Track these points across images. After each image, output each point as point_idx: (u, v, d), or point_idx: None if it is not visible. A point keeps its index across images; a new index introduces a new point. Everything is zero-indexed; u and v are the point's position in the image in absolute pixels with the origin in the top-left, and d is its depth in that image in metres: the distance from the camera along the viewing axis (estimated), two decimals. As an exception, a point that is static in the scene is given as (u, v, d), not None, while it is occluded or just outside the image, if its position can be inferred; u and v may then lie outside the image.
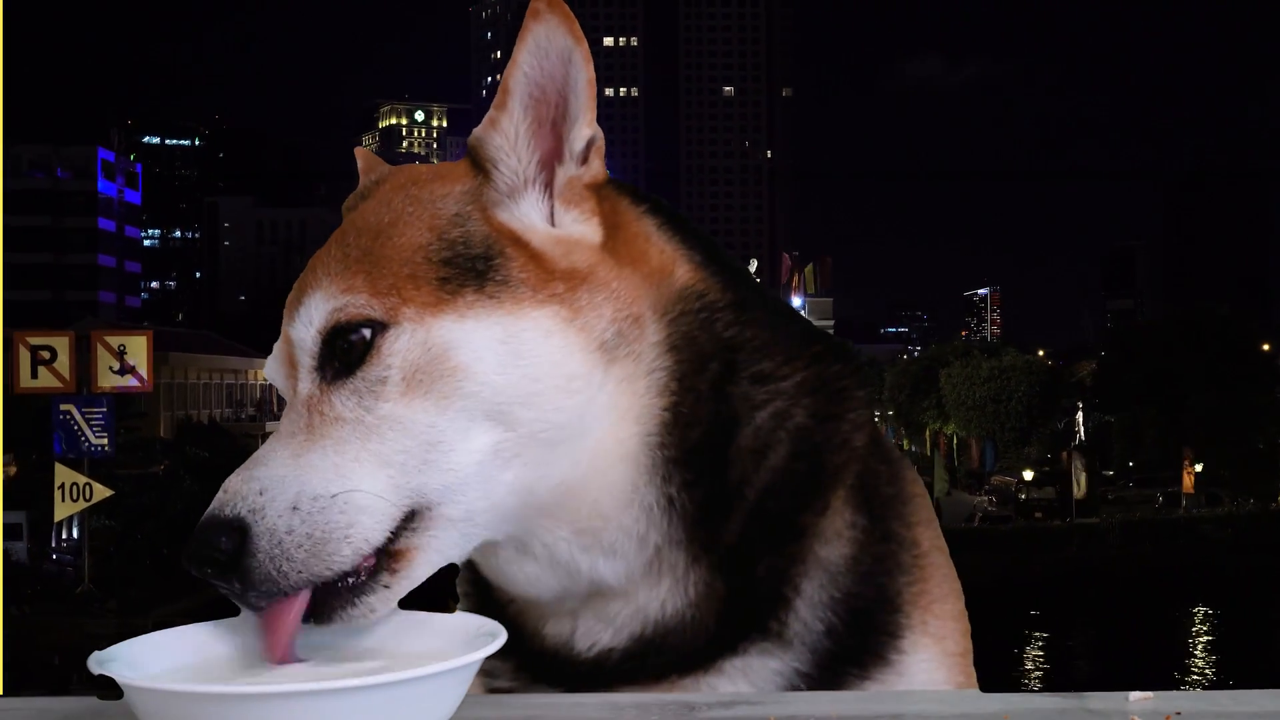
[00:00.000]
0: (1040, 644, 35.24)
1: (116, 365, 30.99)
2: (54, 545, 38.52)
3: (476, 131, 1.36)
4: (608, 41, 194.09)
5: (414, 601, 1.28)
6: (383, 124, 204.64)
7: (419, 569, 1.25)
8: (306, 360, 1.28)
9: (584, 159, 1.37)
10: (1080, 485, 44.97)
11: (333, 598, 1.22)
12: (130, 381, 31.36)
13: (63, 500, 29.76)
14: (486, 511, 1.27)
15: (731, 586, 1.34)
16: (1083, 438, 62.90)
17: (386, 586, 1.23)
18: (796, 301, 62.54)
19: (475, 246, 1.30)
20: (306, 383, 1.28)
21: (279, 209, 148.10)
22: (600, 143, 1.37)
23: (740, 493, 1.35)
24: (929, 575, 1.43)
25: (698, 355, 1.35)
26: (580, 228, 1.35)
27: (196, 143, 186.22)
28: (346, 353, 1.26)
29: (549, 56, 1.32)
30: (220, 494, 1.22)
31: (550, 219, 1.35)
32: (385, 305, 1.25)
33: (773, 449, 1.37)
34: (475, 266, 1.28)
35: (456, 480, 1.24)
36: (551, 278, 1.30)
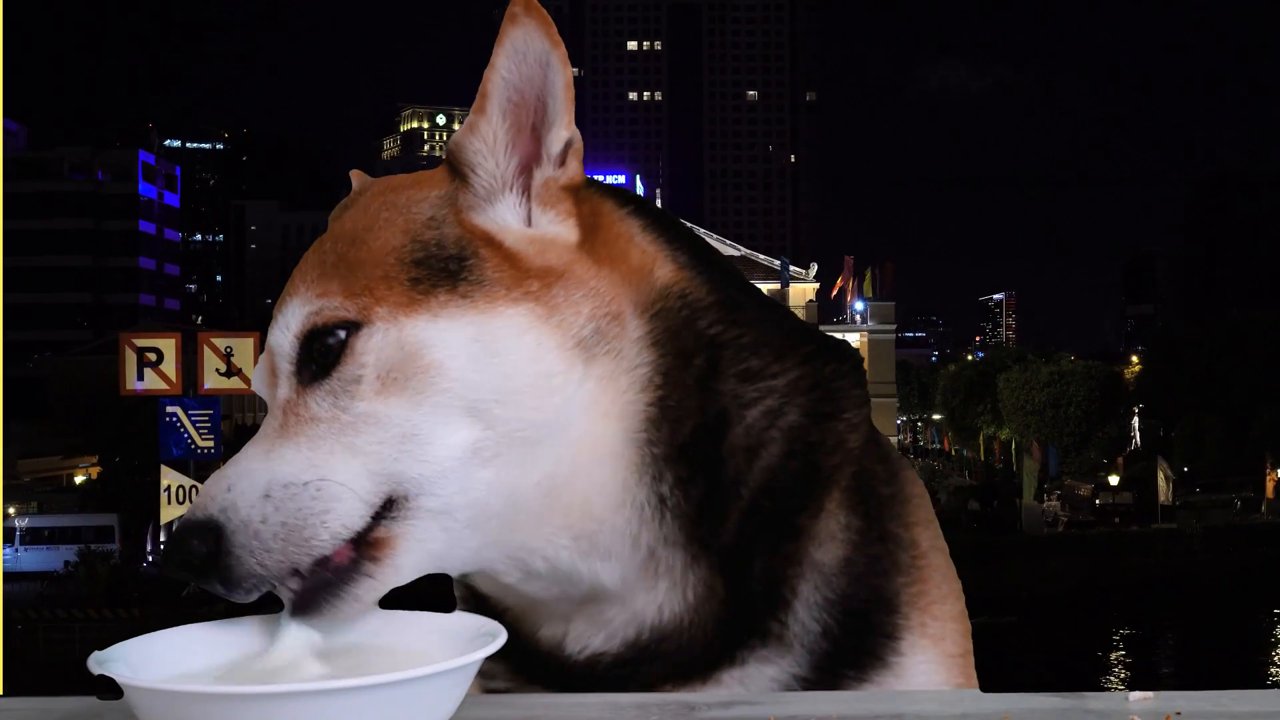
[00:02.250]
0: (1129, 648, 35.09)
1: (223, 368, 30.84)
2: (150, 548, 38.47)
3: (455, 136, 1.36)
4: (631, 46, 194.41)
5: (417, 603, 1.27)
6: (404, 127, 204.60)
7: (402, 557, 1.24)
8: (285, 366, 1.28)
9: (561, 161, 1.35)
10: (1166, 490, 44.76)
11: (318, 590, 1.22)
12: (237, 384, 31.20)
13: (169, 503, 29.63)
14: (466, 508, 1.25)
15: (730, 588, 1.33)
16: (1138, 443, 62.71)
17: (370, 576, 1.23)
18: (859, 306, 62.39)
19: (449, 248, 1.29)
20: (284, 388, 1.28)
21: (305, 212, 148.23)
22: (578, 145, 1.36)
23: (735, 492, 1.34)
24: (928, 576, 1.41)
25: (680, 351, 1.34)
26: (556, 228, 1.34)
27: (217, 147, 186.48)
28: (323, 355, 1.26)
29: (527, 60, 1.31)
30: (196, 497, 1.23)
31: (527, 220, 1.34)
32: (358, 305, 1.26)
33: (765, 447, 1.35)
34: (448, 267, 1.28)
35: (434, 472, 1.24)
36: (526, 276, 1.29)
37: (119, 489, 38.57)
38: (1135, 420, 63.75)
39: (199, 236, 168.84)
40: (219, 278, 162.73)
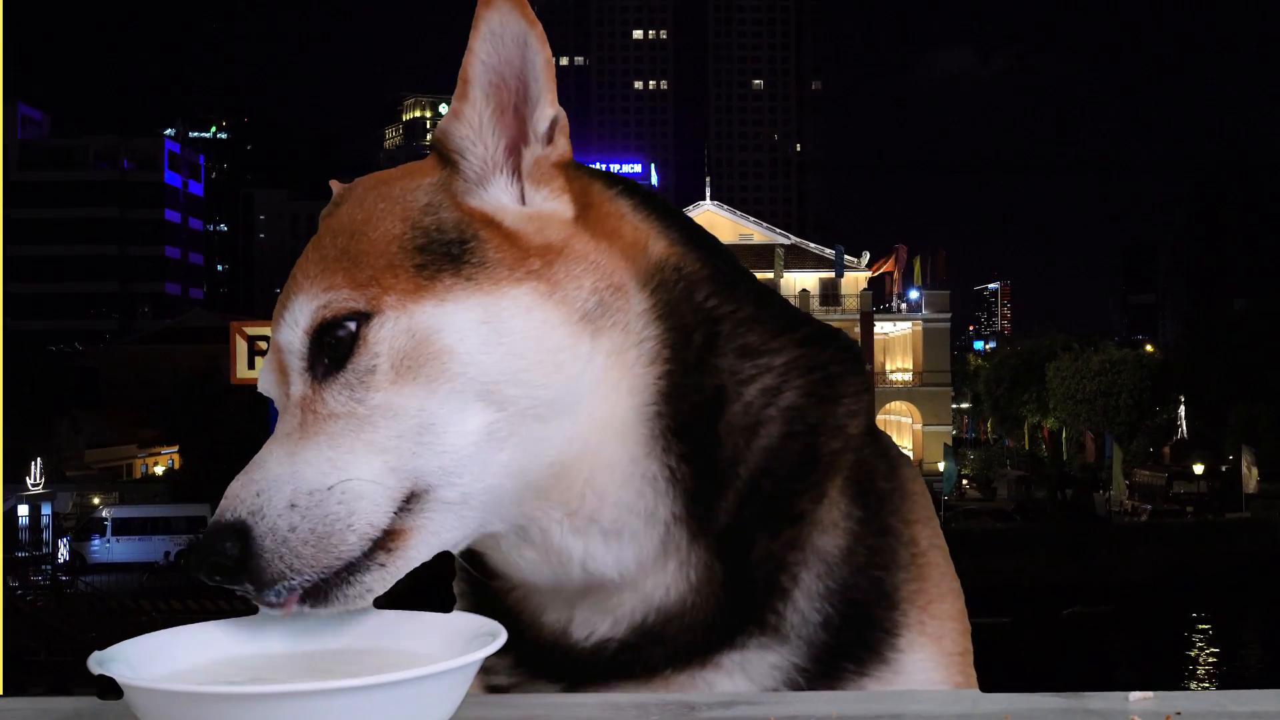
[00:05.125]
0: (1216, 639, 35.07)
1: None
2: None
3: (441, 124, 1.37)
4: (637, 35, 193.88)
5: (415, 602, 1.27)
6: (406, 116, 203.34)
7: (414, 549, 1.25)
8: (296, 363, 1.28)
9: (549, 139, 1.36)
10: (1250, 479, 44.75)
11: (330, 579, 1.22)
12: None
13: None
14: (482, 494, 1.26)
15: (729, 570, 1.33)
16: (1184, 432, 62.76)
17: (383, 565, 1.23)
18: (914, 294, 62.18)
19: (449, 232, 1.30)
20: (299, 385, 1.28)
21: (315, 202, 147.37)
22: (564, 122, 1.37)
23: (733, 471, 1.34)
24: (927, 574, 1.42)
25: (681, 325, 1.34)
26: (551, 204, 1.35)
27: (219, 135, 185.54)
28: (335, 348, 1.26)
29: (504, 42, 1.31)
30: (223, 500, 1.23)
31: (521, 200, 1.35)
32: (367, 296, 1.26)
33: (764, 426, 1.36)
34: (450, 251, 1.29)
35: (452, 462, 1.24)
36: (527, 255, 1.30)
37: (208, 478, 38.31)
38: (1181, 410, 63.74)
39: (199, 225, 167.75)
40: (219, 267, 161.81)
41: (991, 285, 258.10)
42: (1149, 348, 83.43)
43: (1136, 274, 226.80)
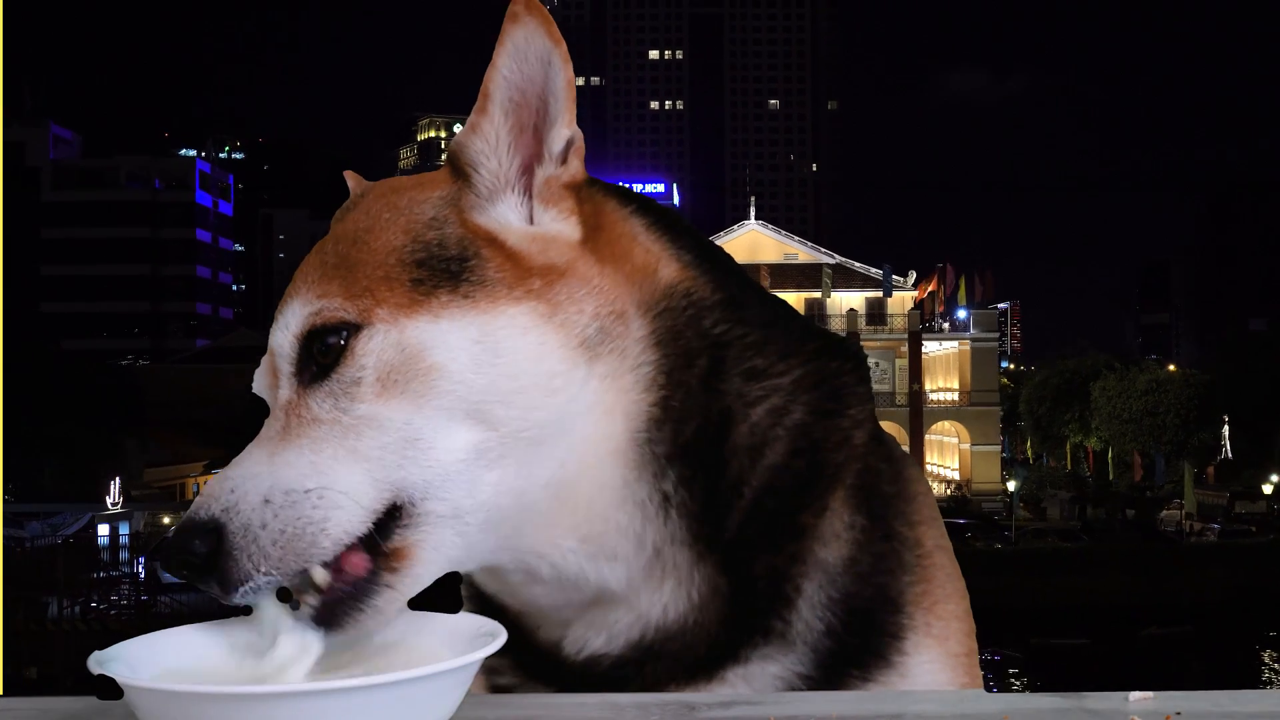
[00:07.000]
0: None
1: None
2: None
3: (457, 136, 1.36)
4: (653, 55, 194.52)
5: (420, 603, 1.28)
6: (421, 136, 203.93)
7: (420, 566, 1.24)
8: (286, 366, 1.28)
9: (563, 159, 1.35)
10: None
11: (339, 603, 1.21)
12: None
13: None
14: (475, 510, 1.25)
15: (734, 586, 1.33)
16: (1228, 452, 62.63)
17: (390, 586, 1.23)
18: (962, 314, 62.12)
19: (450, 248, 1.29)
20: (286, 389, 1.28)
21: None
22: (579, 143, 1.36)
23: (738, 491, 1.34)
24: (932, 576, 1.42)
25: (684, 351, 1.34)
26: (558, 225, 1.34)
27: (234, 156, 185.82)
28: (323, 356, 1.26)
29: (528, 59, 1.30)
30: (198, 497, 1.22)
31: (529, 219, 1.34)
32: (359, 307, 1.25)
33: (770, 446, 1.36)
34: (450, 268, 1.28)
35: (437, 476, 1.23)
36: (528, 275, 1.29)
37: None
38: (1225, 429, 63.61)
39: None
40: (235, 287, 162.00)
41: (1001, 305, 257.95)
42: (1171, 367, 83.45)
43: (1150, 293, 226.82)
